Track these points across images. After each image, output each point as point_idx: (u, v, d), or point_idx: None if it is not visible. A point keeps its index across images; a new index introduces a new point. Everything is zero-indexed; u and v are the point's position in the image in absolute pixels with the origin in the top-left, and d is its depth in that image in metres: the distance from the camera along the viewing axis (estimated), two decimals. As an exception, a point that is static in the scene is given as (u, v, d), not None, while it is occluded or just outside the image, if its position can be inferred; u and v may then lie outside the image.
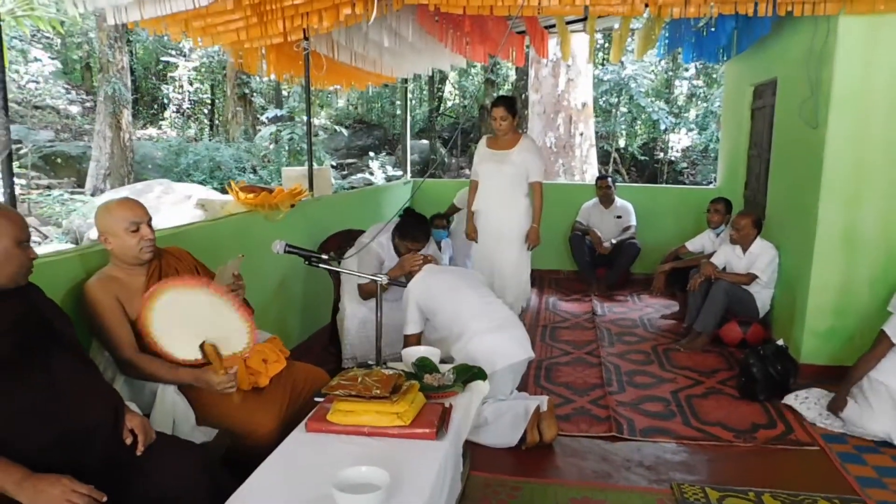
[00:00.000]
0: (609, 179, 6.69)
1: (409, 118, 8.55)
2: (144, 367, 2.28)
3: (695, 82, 15.15)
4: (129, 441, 1.88)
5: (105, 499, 1.65)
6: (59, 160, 13.59)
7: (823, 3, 3.51)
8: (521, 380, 3.44)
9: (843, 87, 3.80)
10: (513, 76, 15.93)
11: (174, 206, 9.97)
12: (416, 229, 3.75)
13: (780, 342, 3.92)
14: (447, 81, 18.23)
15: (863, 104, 3.79)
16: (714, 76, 13.96)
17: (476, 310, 3.21)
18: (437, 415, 2.13)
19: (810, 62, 4.03)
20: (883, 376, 3.19)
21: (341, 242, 4.38)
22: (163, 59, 17.98)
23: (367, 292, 3.78)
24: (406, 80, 7.83)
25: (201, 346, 2.17)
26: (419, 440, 2.03)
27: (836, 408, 3.38)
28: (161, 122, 18.73)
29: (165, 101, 18.71)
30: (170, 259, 2.54)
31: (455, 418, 2.23)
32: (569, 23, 5.48)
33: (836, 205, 3.91)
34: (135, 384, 2.33)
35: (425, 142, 16.54)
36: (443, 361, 2.70)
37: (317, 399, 2.28)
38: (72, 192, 11.81)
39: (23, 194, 10.89)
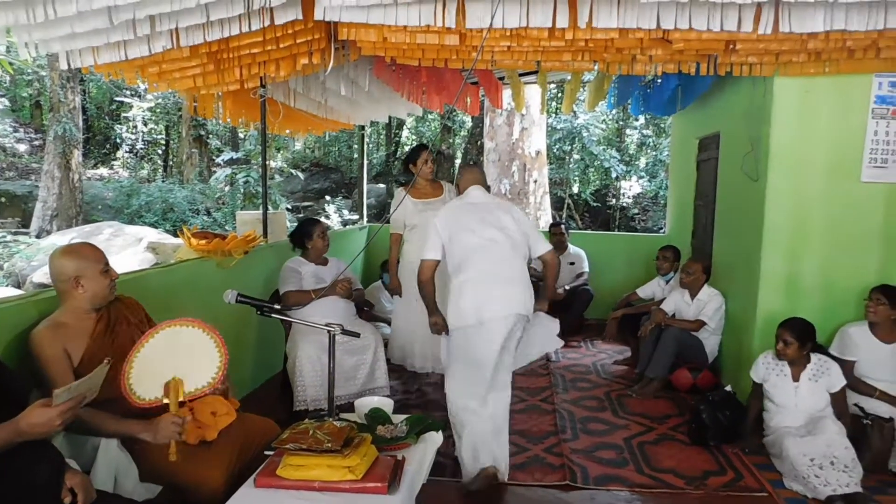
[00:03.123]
0: (562, 226, 6.82)
1: (365, 162, 8.61)
2: (88, 420, 2.20)
3: (644, 132, 15.67)
4: (67, 501, 1.81)
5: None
6: (2, 199, 13.21)
7: (759, 65, 3.71)
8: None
9: (781, 143, 4.00)
10: (469, 122, 16.22)
11: (124, 249, 9.76)
12: (304, 227, 4.23)
13: (729, 388, 4.02)
14: (405, 126, 18.45)
15: (800, 159, 3.99)
16: (662, 126, 14.47)
17: (477, 256, 3.16)
18: (390, 468, 2.11)
19: (750, 118, 4.24)
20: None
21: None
22: (117, 98, 17.79)
23: (293, 302, 3.93)
24: (363, 126, 7.91)
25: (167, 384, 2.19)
26: (371, 494, 2.00)
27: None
28: (113, 162, 18.42)
29: (118, 140, 18.44)
30: (119, 306, 2.50)
31: (408, 471, 2.21)
32: (522, 75, 5.64)
33: (778, 254, 4.06)
34: (76, 440, 2.25)
35: (382, 186, 16.63)
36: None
37: (267, 453, 2.23)
38: (15, 233, 11.46)
39: (-39, 234, 10.55)
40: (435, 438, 2.58)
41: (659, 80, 5.32)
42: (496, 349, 3.10)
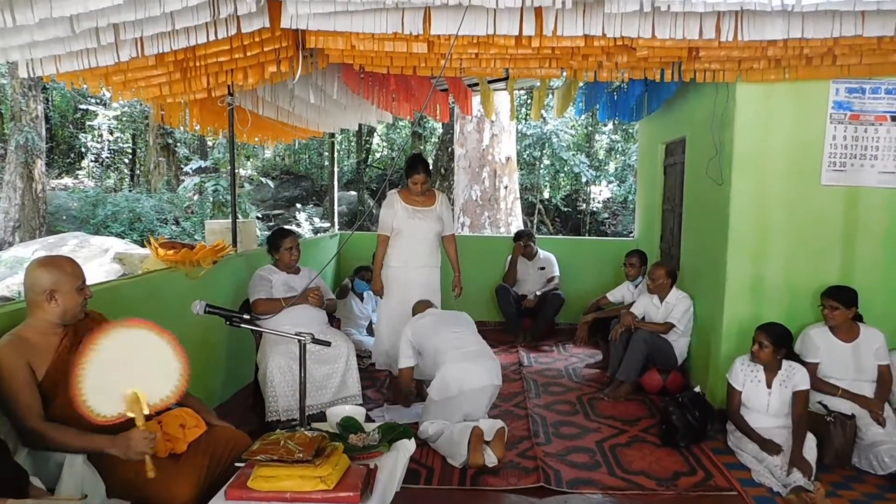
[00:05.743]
0: (527, 237, 6.77)
1: (336, 170, 8.57)
2: (52, 437, 2.16)
3: (613, 137, 15.86)
4: (30, 520, 1.77)
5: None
6: (-38, 211, 12.88)
7: (722, 71, 3.79)
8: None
9: (744, 148, 4.08)
10: (439, 129, 16.26)
11: (90, 260, 9.58)
12: (277, 237, 4.21)
13: (697, 389, 4.08)
14: (375, 133, 18.42)
15: (762, 164, 4.08)
16: (630, 131, 14.66)
17: (449, 344, 3.82)
18: (362, 477, 2.10)
19: (714, 124, 4.32)
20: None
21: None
22: (81, 107, 17.47)
23: (262, 310, 3.87)
24: (333, 134, 7.88)
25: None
26: (343, 504, 1.99)
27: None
28: (78, 172, 18.07)
29: (83, 149, 18.08)
30: (86, 321, 2.45)
31: (380, 479, 2.20)
32: (490, 82, 5.68)
33: (743, 257, 4.15)
34: (38, 456, 2.20)
35: (353, 193, 16.56)
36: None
37: (237, 465, 2.21)
38: (-24, 246, 11.20)
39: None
40: (407, 446, 2.58)
41: (625, 87, 5.40)
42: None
